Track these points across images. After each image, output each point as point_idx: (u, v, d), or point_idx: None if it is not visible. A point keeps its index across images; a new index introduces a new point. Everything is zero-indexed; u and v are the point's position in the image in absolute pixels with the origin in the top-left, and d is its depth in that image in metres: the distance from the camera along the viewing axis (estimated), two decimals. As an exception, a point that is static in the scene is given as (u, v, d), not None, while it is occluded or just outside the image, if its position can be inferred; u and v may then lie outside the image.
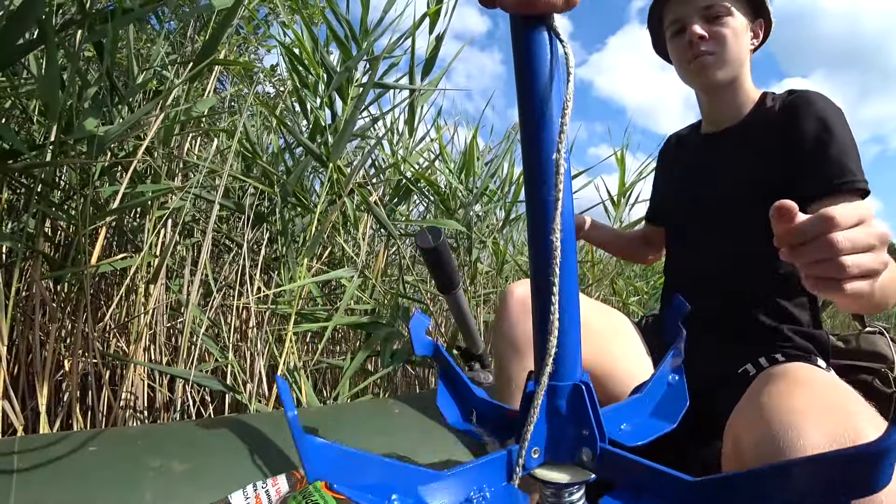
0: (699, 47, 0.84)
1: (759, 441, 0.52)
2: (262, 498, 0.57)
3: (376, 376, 1.43)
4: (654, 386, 0.42)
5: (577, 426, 0.35)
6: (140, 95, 1.44)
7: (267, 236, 1.67)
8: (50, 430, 1.08)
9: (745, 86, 0.88)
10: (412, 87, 1.66)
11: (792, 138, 0.77)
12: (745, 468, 0.47)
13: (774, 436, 0.50)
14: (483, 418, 0.43)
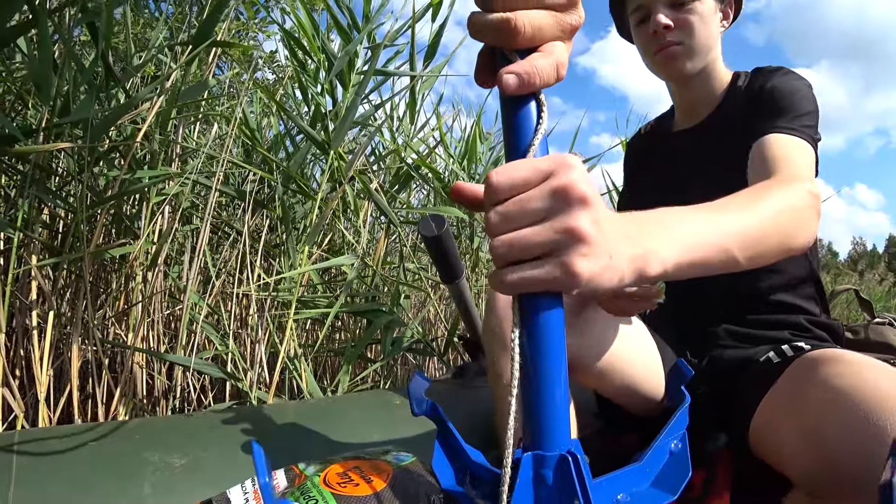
0: (665, 37, 0.80)
1: (857, 433, 0.49)
2: (260, 493, 0.57)
3: (377, 364, 1.43)
4: (655, 454, 0.38)
5: (566, 498, 0.33)
6: (138, 80, 1.42)
7: (267, 223, 1.66)
8: (49, 418, 1.09)
9: (716, 72, 0.86)
10: (413, 73, 1.64)
11: (756, 103, 0.77)
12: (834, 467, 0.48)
13: (871, 420, 0.48)
14: (477, 481, 0.41)
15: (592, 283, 0.33)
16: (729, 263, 0.48)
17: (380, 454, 0.64)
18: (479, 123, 1.88)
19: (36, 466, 0.53)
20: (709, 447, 0.75)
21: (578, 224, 0.31)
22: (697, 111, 0.89)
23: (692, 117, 0.91)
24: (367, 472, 0.58)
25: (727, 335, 0.83)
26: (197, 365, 1.19)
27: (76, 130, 1.20)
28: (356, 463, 0.60)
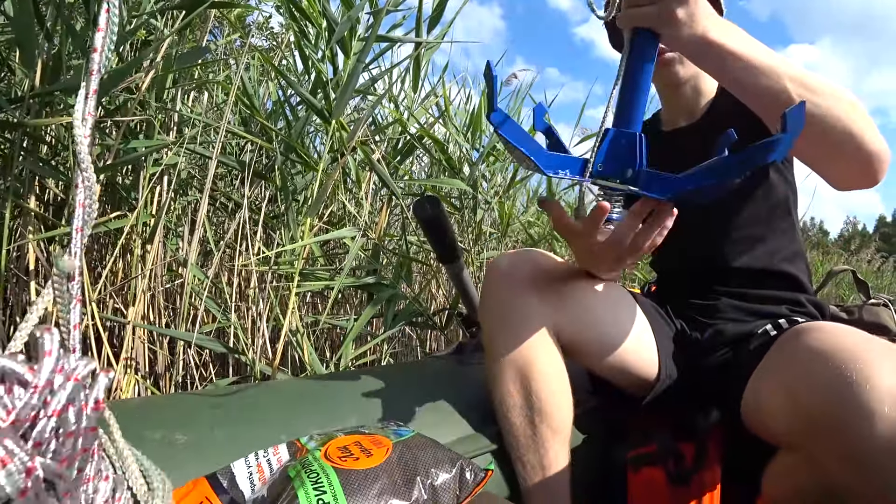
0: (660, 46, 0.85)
1: (825, 386, 0.53)
2: (263, 466, 0.59)
3: (379, 339, 1.45)
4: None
5: (630, 156, 0.55)
6: (128, 46, 1.40)
7: (267, 195, 1.66)
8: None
9: (706, 83, 0.92)
10: (417, 39, 1.61)
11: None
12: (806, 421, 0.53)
13: (841, 374, 0.51)
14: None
15: (680, 29, 0.56)
16: (779, 88, 0.59)
17: (380, 429, 0.66)
18: (484, 94, 1.85)
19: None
20: (701, 422, 0.77)
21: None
22: (691, 111, 0.94)
23: (686, 117, 0.95)
24: (368, 446, 0.60)
25: (729, 308, 0.87)
26: (199, 340, 1.20)
27: (69, 99, 1.19)
28: (357, 437, 0.62)
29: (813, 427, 0.53)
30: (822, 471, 0.53)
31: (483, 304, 0.80)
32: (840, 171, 0.66)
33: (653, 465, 0.81)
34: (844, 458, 0.50)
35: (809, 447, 0.55)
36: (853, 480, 0.50)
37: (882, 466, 0.47)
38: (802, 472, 0.58)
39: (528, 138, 0.56)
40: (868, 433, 0.48)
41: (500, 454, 0.76)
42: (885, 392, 0.48)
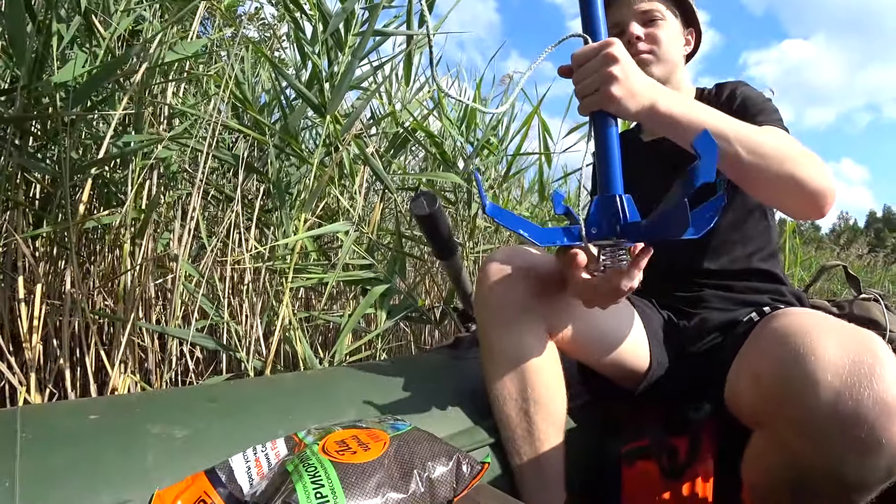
0: (637, 46, 0.93)
1: (778, 361, 0.57)
2: (261, 461, 0.60)
3: (373, 334, 1.46)
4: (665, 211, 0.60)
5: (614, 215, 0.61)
6: (116, 40, 1.39)
7: (262, 189, 1.66)
8: (40, 392, 1.12)
9: (683, 86, 0.99)
10: (412, 32, 1.62)
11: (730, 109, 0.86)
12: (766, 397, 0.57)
13: (793, 349, 0.56)
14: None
15: (622, 104, 0.62)
16: (726, 149, 0.67)
17: (377, 423, 0.67)
18: (479, 88, 1.87)
19: (39, 441, 0.55)
20: (693, 416, 0.79)
21: (612, 71, 0.61)
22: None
23: None
24: (365, 440, 0.61)
25: (714, 298, 0.91)
26: (193, 338, 1.21)
27: (58, 91, 1.18)
28: (354, 431, 0.63)
29: (772, 402, 0.58)
30: (786, 446, 0.57)
31: (478, 298, 0.81)
32: (792, 207, 0.75)
33: (646, 459, 0.83)
34: (799, 430, 0.54)
35: (771, 422, 0.59)
36: (810, 451, 0.54)
37: (828, 435, 0.51)
38: (771, 452, 0.61)
39: (521, 221, 0.65)
40: (814, 402, 0.52)
41: (496, 447, 0.78)
42: (828, 362, 0.52)
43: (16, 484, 0.50)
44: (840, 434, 0.51)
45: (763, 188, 0.73)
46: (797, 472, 0.57)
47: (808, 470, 0.56)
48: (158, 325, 1.39)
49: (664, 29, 0.94)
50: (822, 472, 0.54)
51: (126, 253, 1.34)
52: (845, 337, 0.55)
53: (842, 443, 0.51)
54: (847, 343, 0.54)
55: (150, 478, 0.55)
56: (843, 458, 0.52)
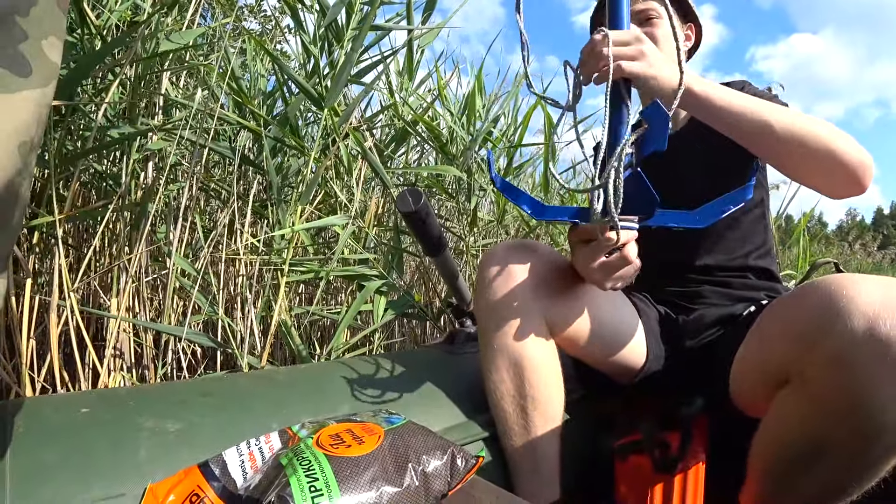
0: None
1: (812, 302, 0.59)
2: (255, 454, 0.61)
3: (369, 330, 1.47)
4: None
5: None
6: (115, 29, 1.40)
7: (258, 182, 1.67)
8: (32, 389, 1.12)
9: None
10: (410, 27, 1.62)
11: None
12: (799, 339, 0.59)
13: (827, 290, 0.58)
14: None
15: (640, 77, 0.67)
16: (763, 126, 0.71)
17: (372, 416, 0.68)
18: (479, 78, 1.87)
19: (31, 434, 0.56)
20: (685, 411, 0.81)
21: (641, 48, 0.67)
22: (674, 117, 1.00)
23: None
24: (360, 433, 0.62)
25: (711, 294, 0.93)
26: (188, 335, 1.21)
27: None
28: (349, 425, 0.64)
29: (805, 342, 0.59)
30: (814, 396, 0.58)
31: (477, 294, 0.82)
32: (828, 183, 0.76)
33: (639, 454, 0.85)
34: (834, 362, 0.55)
35: (802, 369, 0.60)
36: (843, 388, 0.55)
37: (864, 362, 0.53)
38: (796, 409, 0.61)
39: (524, 196, 0.69)
40: (851, 329, 0.54)
41: (490, 441, 0.79)
42: (862, 295, 0.55)
43: (6, 477, 0.51)
44: (875, 359, 0.52)
45: (802, 167, 0.75)
46: (818, 427, 0.58)
47: (832, 417, 0.56)
48: (153, 321, 1.40)
49: (661, 27, 0.96)
50: (847, 415, 0.55)
51: (122, 244, 1.35)
52: (876, 279, 0.57)
53: (875, 369, 0.52)
54: (879, 281, 0.56)
55: (142, 471, 0.56)
56: (875, 387, 0.52)
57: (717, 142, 0.85)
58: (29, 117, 0.39)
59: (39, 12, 0.40)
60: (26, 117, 0.39)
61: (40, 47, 0.40)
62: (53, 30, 0.41)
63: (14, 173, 0.39)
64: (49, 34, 0.41)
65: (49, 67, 0.41)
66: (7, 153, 0.38)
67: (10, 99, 0.38)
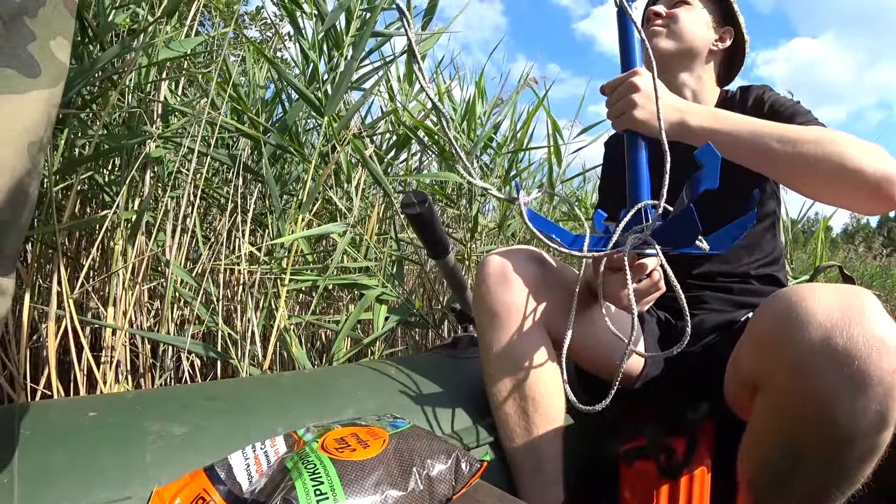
0: (654, 22, 0.99)
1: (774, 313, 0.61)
2: (260, 458, 0.62)
3: (370, 338, 1.48)
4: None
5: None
6: (112, 35, 1.42)
7: (258, 190, 1.68)
8: (27, 399, 1.13)
9: (707, 83, 1.01)
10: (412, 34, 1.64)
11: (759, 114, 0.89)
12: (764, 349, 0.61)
13: (786, 302, 0.60)
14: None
15: (648, 125, 0.74)
16: (766, 150, 0.73)
17: (377, 420, 0.69)
18: (480, 84, 1.89)
19: (38, 437, 0.57)
20: (690, 416, 0.82)
21: (633, 98, 0.74)
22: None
23: None
24: (365, 437, 0.63)
25: (713, 300, 0.94)
26: (192, 346, 1.22)
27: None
28: (353, 429, 0.65)
29: (769, 352, 0.61)
30: (781, 398, 0.60)
31: (476, 298, 0.84)
32: (856, 202, 0.74)
33: (644, 459, 0.86)
34: (794, 370, 0.57)
35: (769, 376, 0.62)
36: (804, 394, 0.56)
37: (821, 370, 0.55)
38: (767, 414, 0.63)
39: (555, 227, 0.72)
40: (808, 340, 0.56)
41: (495, 446, 0.80)
42: (820, 306, 0.56)
43: (14, 480, 0.52)
44: (833, 369, 0.54)
45: (820, 188, 0.74)
46: (790, 433, 0.60)
47: (801, 424, 0.58)
48: (152, 330, 1.40)
49: (687, 10, 0.98)
50: (815, 422, 0.56)
51: (118, 253, 1.36)
52: (835, 288, 0.59)
53: (834, 379, 0.54)
54: (837, 291, 0.58)
55: (148, 475, 0.57)
56: (836, 396, 0.54)
57: None
58: (38, 118, 0.40)
59: (47, 13, 0.41)
60: (36, 118, 0.40)
61: (49, 48, 0.41)
62: (61, 30, 0.42)
63: (24, 173, 0.40)
64: (57, 34, 0.42)
65: (58, 68, 0.42)
66: (17, 153, 0.39)
67: (20, 100, 0.39)
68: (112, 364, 1.25)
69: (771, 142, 0.72)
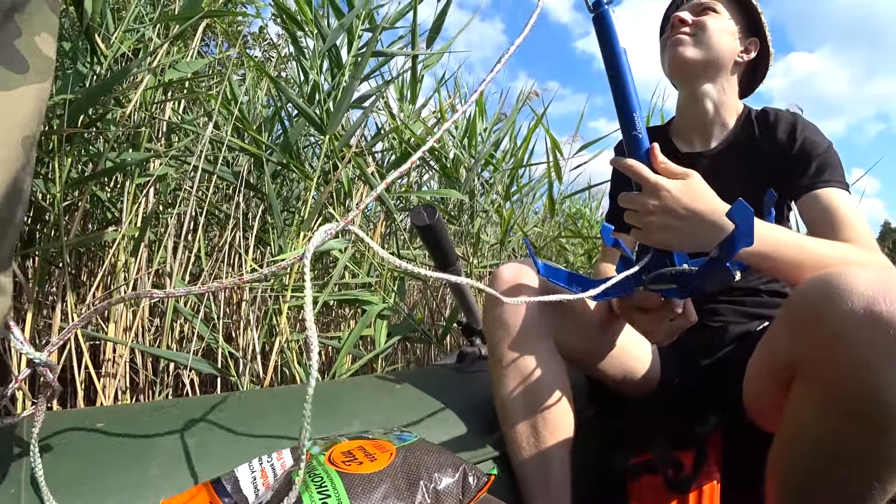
0: (679, 29, 0.94)
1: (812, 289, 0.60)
2: (267, 471, 0.61)
3: (372, 354, 1.48)
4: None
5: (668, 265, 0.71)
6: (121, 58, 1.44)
7: (260, 208, 1.69)
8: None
9: (728, 96, 0.97)
10: (412, 52, 1.67)
11: (786, 151, 0.90)
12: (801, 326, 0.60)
13: (826, 278, 0.58)
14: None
15: (664, 244, 0.69)
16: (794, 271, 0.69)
17: (384, 434, 0.69)
18: (480, 102, 1.92)
19: (45, 448, 0.57)
20: (699, 430, 0.81)
21: (651, 219, 0.67)
22: (708, 134, 0.99)
23: (702, 140, 0.99)
24: (372, 450, 0.63)
25: (728, 311, 0.94)
26: (188, 361, 1.22)
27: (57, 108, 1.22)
28: (360, 442, 0.65)
29: (807, 327, 0.59)
30: (818, 382, 0.58)
31: (486, 312, 0.84)
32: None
33: (652, 473, 0.85)
34: (833, 340, 0.55)
35: (805, 353, 0.60)
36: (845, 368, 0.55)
37: (863, 338, 0.53)
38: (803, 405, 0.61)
39: (574, 277, 0.73)
40: (849, 308, 0.54)
41: (502, 460, 0.80)
42: (861, 279, 0.55)
43: (21, 491, 0.52)
44: (877, 337, 0.52)
45: None
46: (829, 417, 0.57)
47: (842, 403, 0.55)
48: (152, 346, 1.40)
49: (714, 19, 0.94)
50: (857, 399, 0.54)
51: (120, 269, 1.36)
52: (870, 266, 0.59)
53: (879, 346, 0.52)
54: (873, 267, 0.58)
55: (155, 487, 0.57)
56: (881, 366, 0.52)
57: (754, 162, 0.88)
58: (29, 112, 0.40)
59: (31, 9, 0.41)
60: (27, 112, 0.40)
61: (34, 43, 0.41)
62: (46, 27, 0.42)
63: (19, 168, 0.40)
64: (42, 30, 0.42)
65: (45, 62, 0.42)
66: (11, 148, 0.39)
67: (10, 96, 0.39)
68: (113, 378, 1.24)
69: (802, 269, 0.69)
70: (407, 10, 1.69)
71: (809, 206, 0.84)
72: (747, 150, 0.93)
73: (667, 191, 0.65)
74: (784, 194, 0.88)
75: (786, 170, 0.88)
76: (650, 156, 0.68)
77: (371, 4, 1.57)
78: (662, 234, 0.67)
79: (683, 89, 0.99)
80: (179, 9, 1.40)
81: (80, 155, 1.44)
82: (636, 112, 0.68)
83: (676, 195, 0.65)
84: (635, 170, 0.67)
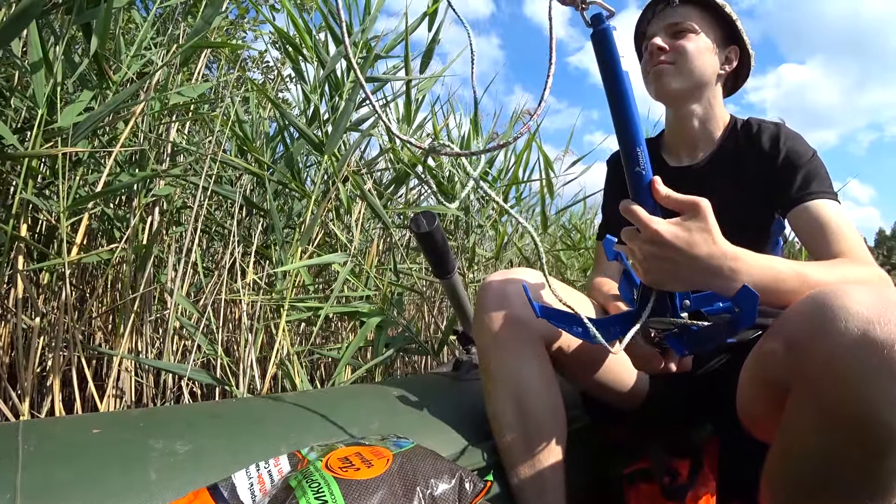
0: (658, 57, 0.91)
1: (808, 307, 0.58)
2: (264, 477, 0.60)
3: (369, 364, 1.46)
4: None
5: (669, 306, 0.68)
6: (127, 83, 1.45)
7: (260, 225, 1.69)
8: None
9: (714, 110, 0.95)
10: (407, 77, 1.70)
11: (762, 162, 0.89)
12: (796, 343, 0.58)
13: (822, 297, 0.57)
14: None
15: (658, 285, 0.67)
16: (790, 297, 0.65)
17: (380, 440, 0.67)
18: (474, 120, 1.93)
19: (42, 453, 0.55)
20: (695, 437, 0.80)
21: (647, 264, 0.65)
22: (695, 148, 0.98)
23: (690, 154, 0.99)
24: (369, 456, 0.61)
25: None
26: (193, 374, 1.21)
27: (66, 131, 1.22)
28: (357, 448, 0.64)
29: (800, 349, 0.58)
30: (814, 397, 0.56)
31: (476, 321, 0.83)
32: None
33: (648, 481, 0.83)
34: (826, 361, 0.54)
35: (800, 370, 0.58)
36: (840, 388, 0.53)
37: (859, 358, 0.52)
38: (798, 416, 0.60)
39: (575, 319, 0.70)
40: (845, 329, 0.53)
41: (497, 468, 0.78)
42: (857, 299, 0.54)
43: (17, 497, 0.50)
44: (871, 358, 0.51)
45: None
46: (824, 433, 0.56)
47: (837, 422, 0.54)
48: (157, 360, 1.39)
49: (691, 41, 0.90)
50: (851, 419, 0.53)
51: (126, 285, 1.35)
52: (865, 285, 0.57)
53: (874, 368, 0.51)
54: (868, 286, 0.56)
55: (152, 493, 0.55)
56: (875, 386, 0.51)
57: (740, 174, 0.87)
58: None
59: None
60: None
61: None
62: None
63: None
64: None
65: None
66: None
67: None
68: (115, 394, 1.23)
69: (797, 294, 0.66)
70: (399, 40, 1.73)
71: (800, 220, 0.83)
72: (733, 162, 0.93)
73: (663, 237, 0.62)
74: (773, 207, 0.87)
75: (772, 181, 0.87)
76: (651, 189, 0.64)
77: (366, 30, 1.59)
78: (658, 276, 0.65)
79: (669, 110, 0.99)
80: (186, 36, 1.41)
81: (89, 173, 1.44)
82: (640, 147, 0.63)
83: (672, 241, 0.62)
84: (635, 216, 0.64)
